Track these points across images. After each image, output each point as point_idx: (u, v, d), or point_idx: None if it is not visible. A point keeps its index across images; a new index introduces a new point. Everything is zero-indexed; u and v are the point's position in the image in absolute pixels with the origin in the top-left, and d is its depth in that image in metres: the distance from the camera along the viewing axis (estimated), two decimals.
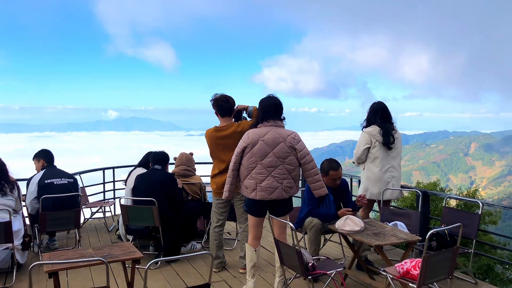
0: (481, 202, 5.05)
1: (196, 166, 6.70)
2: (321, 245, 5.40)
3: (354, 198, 5.64)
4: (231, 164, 4.19)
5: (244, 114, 4.94)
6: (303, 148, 4.06)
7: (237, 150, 4.15)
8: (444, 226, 4.65)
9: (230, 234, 6.61)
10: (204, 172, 7.50)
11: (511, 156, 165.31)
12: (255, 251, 4.25)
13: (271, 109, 4.11)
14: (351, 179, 6.54)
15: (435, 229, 3.66)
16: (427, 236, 3.38)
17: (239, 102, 4.98)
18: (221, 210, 5.00)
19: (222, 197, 4.40)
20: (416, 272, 3.56)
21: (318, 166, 4.55)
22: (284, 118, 4.22)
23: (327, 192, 4.19)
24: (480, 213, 4.77)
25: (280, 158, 4.01)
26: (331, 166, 4.88)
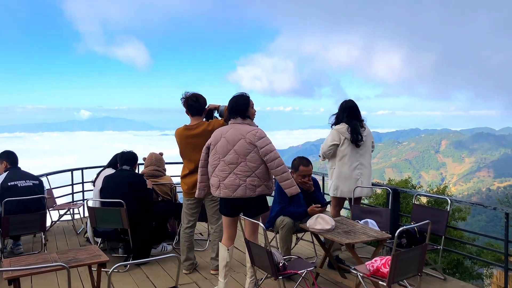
0: (450, 199, 5.11)
1: (166, 166, 6.60)
2: (293, 244, 5.39)
3: (327, 198, 5.68)
4: (200, 161, 4.23)
5: (216, 114, 4.88)
6: (265, 145, 3.95)
7: (204, 147, 4.20)
8: (414, 223, 4.69)
9: (202, 235, 6.54)
10: (175, 172, 7.39)
11: (480, 153, 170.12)
12: (227, 250, 4.19)
13: (236, 107, 4.10)
14: (323, 178, 6.54)
15: (403, 227, 3.68)
16: (396, 234, 3.39)
17: (214, 101, 4.91)
18: (192, 211, 4.92)
19: (195, 195, 4.39)
20: (386, 270, 3.57)
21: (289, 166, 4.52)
22: (249, 116, 4.12)
23: (299, 191, 4.13)
24: (449, 209, 4.83)
25: (241, 155, 3.96)
26: (301, 162, 4.87)
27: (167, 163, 7.06)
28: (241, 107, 4.09)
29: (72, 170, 7.91)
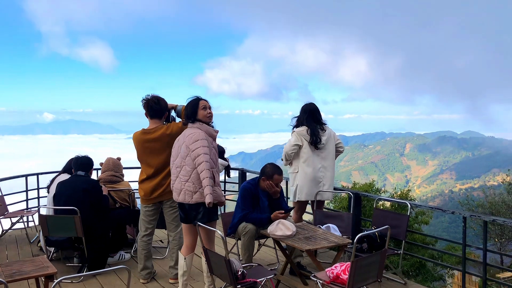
0: (410, 203, 5.13)
1: (127, 171, 6.38)
2: (255, 251, 5.29)
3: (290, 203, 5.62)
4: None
5: (173, 113, 4.75)
6: (196, 148, 3.81)
7: None
8: (375, 228, 4.69)
9: (162, 242, 6.35)
10: (135, 177, 7.17)
11: (443, 156, 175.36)
12: (185, 259, 4.05)
13: (186, 110, 4.06)
14: (286, 182, 6.48)
15: (362, 233, 3.64)
16: (355, 241, 3.34)
17: (182, 104, 4.79)
18: (150, 218, 4.74)
19: (154, 201, 4.34)
20: (345, 276, 3.52)
21: (258, 170, 4.38)
22: (198, 120, 3.99)
23: (210, 201, 3.74)
24: (408, 214, 4.84)
25: (183, 159, 3.92)
26: (276, 170, 4.73)
27: (128, 168, 6.84)
28: (189, 110, 4.02)
29: (26, 176, 7.55)
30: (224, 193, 7.57)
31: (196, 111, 3.99)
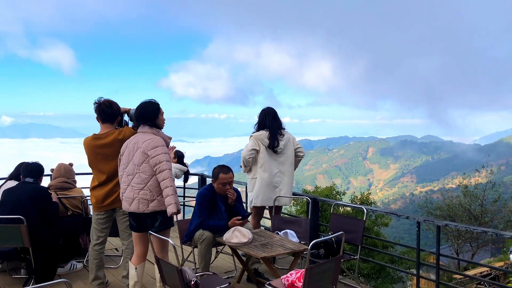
0: (366, 208, 5.17)
1: (81, 177, 6.16)
2: (213, 258, 5.18)
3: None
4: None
5: (126, 118, 4.60)
6: (157, 155, 3.70)
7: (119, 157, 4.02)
8: (331, 233, 4.68)
9: (117, 251, 6.15)
10: (88, 184, 6.93)
11: (404, 159, 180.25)
12: (136, 269, 3.91)
13: (142, 114, 3.88)
14: (246, 187, 6.41)
15: (317, 240, 3.61)
16: (309, 247, 3.30)
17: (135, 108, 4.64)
18: (102, 226, 4.56)
19: (107, 209, 4.19)
20: (300, 284, 3.47)
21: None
22: (155, 125, 3.87)
23: (176, 211, 3.70)
24: (365, 219, 4.86)
25: (137, 166, 3.78)
26: (221, 169, 4.68)
27: (81, 174, 6.59)
28: (149, 114, 3.87)
29: None
30: (184, 199, 7.44)
31: (157, 116, 3.88)
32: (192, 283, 3.57)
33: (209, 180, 7.56)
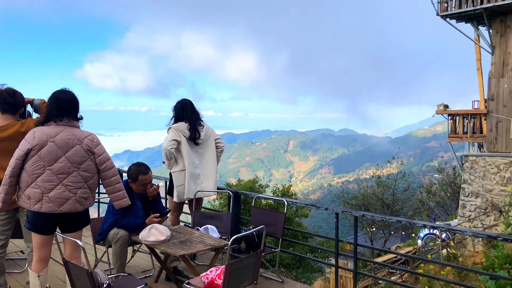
0: (286, 201, 5.20)
1: None
2: (129, 258, 4.93)
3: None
4: (9, 169, 3.43)
5: (29, 108, 4.19)
6: (103, 152, 3.57)
7: (19, 152, 3.42)
8: (253, 227, 4.63)
9: (23, 253, 5.64)
10: None
11: (322, 152, 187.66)
12: (38, 277, 3.56)
13: (69, 105, 3.51)
14: (166, 183, 6.18)
15: (237, 235, 3.54)
16: (229, 243, 3.22)
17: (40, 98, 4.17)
18: (3, 228, 4.12)
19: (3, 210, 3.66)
20: (220, 281, 3.38)
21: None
22: (81, 118, 3.62)
23: (130, 203, 3.75)
24: (285, 211, 4.88)
25: (74, 164, 3.44)
26: (139, 170, 4.43)
27: None
28: (75, 105, 3.55)
29: None
30: (99, 195, 7.03)
31: (78, 109, 3.59)
32: (105, 286, 3.34)
33: (126, 176, 7.22)
